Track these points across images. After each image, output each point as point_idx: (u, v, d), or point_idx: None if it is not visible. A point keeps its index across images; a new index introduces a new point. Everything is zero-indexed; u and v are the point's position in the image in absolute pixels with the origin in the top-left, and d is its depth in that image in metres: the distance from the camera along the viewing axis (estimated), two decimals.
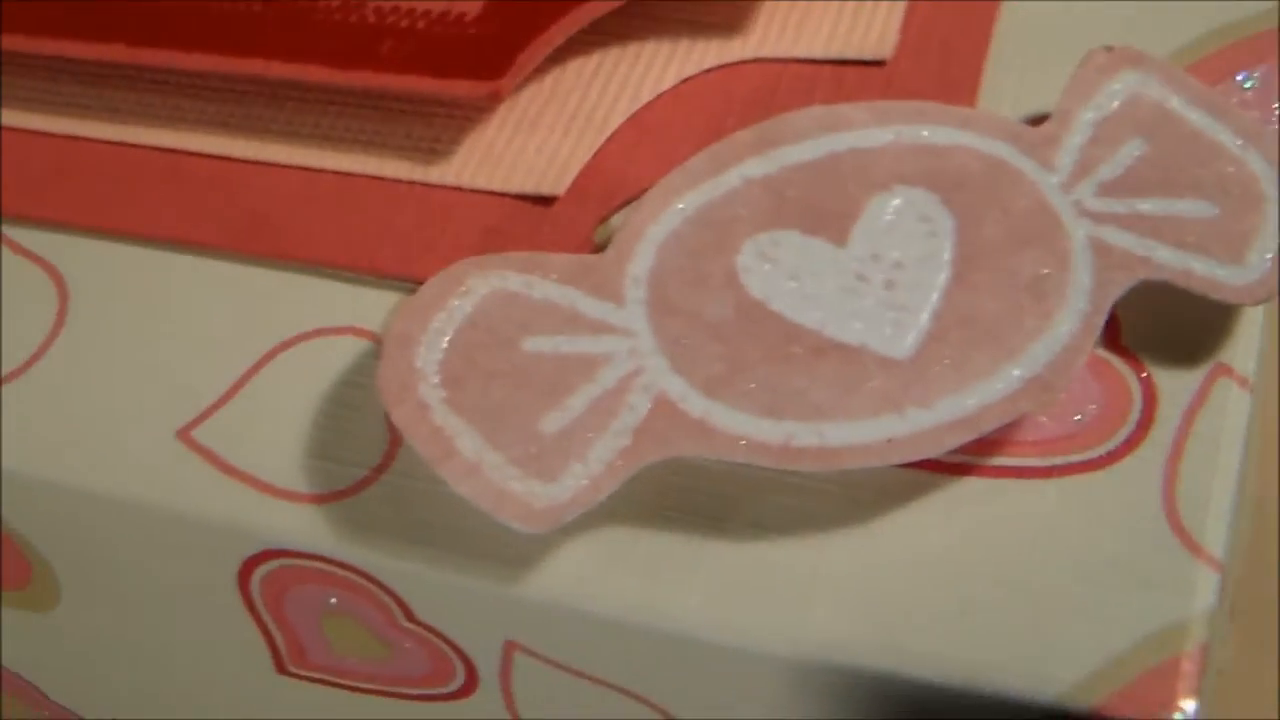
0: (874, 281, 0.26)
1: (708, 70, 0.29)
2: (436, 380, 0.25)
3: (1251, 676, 0.56)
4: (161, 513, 0.26)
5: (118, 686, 0.31)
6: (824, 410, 0.24)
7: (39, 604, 0.30)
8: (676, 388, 0.25)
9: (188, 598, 0.27)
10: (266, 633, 0.27)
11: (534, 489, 0.24)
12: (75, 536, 0.28)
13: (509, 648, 0.26)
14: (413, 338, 0.26)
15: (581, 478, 0.24)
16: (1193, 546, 0.24)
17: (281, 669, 0.28)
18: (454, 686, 0.27)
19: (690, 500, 0.25)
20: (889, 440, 0.24)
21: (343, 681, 0.28)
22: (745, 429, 0.24)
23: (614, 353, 0.25)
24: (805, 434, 0.24)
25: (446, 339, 0.25)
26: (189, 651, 0.29)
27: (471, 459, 0.24)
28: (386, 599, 0.26)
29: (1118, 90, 0.27)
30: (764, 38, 0.29)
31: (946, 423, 0.24)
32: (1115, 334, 0.26)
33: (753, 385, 0.25)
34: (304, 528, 0.25)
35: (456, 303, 0.26)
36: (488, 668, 0.26)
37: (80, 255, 0.29)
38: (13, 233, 0.29)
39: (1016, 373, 0.24)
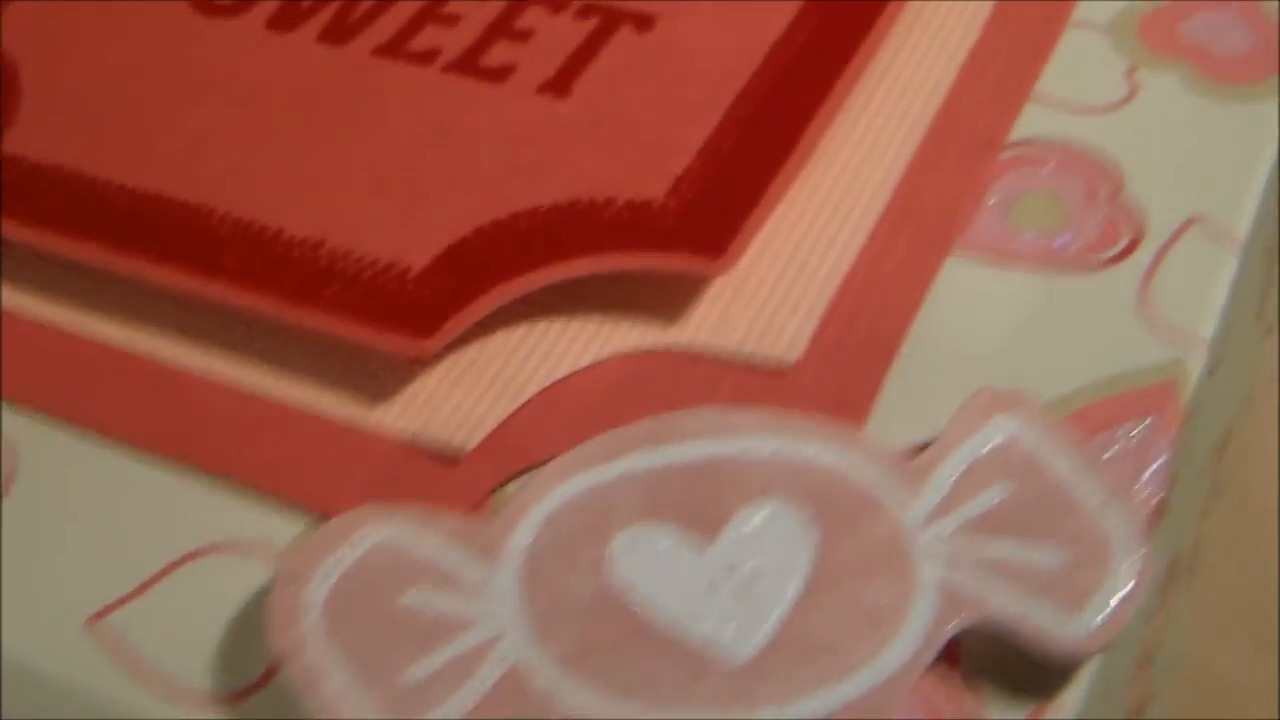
0: (728, 588, 0.29)
1: (624, 354, 0.33)
2: (317, 618, 0.29)
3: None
4: (61, 691, 0.30)
5: None
6: (660, 701, 0.28)
7: None
8: (531, 659, 0.29)
9: None
10: None
11: None
12: None
13: None
14: (302, 576, 0.30)
15: None
16: None
17: None
18: None
19: None
20: None
21: None
22: (589, 706, 0.28)
23: (480, 618, 0.29)
24: None
25: (331, 582, 0.30)
26: None
27: (336, 696, 0.28)
28: None
29: (993, 433, 0.31)
30: (682, 328, 0.33)
31: None
32: (954, 662, 0.29)
33: (602, 666, 0.29)
34: None
35: (346, 549, 0.30)
36: None
37: (32, 432, 0.34)
38: None
39: (841, 693, 0.28)
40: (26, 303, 0.36)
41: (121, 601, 0.31)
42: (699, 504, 0.30)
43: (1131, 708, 0.38)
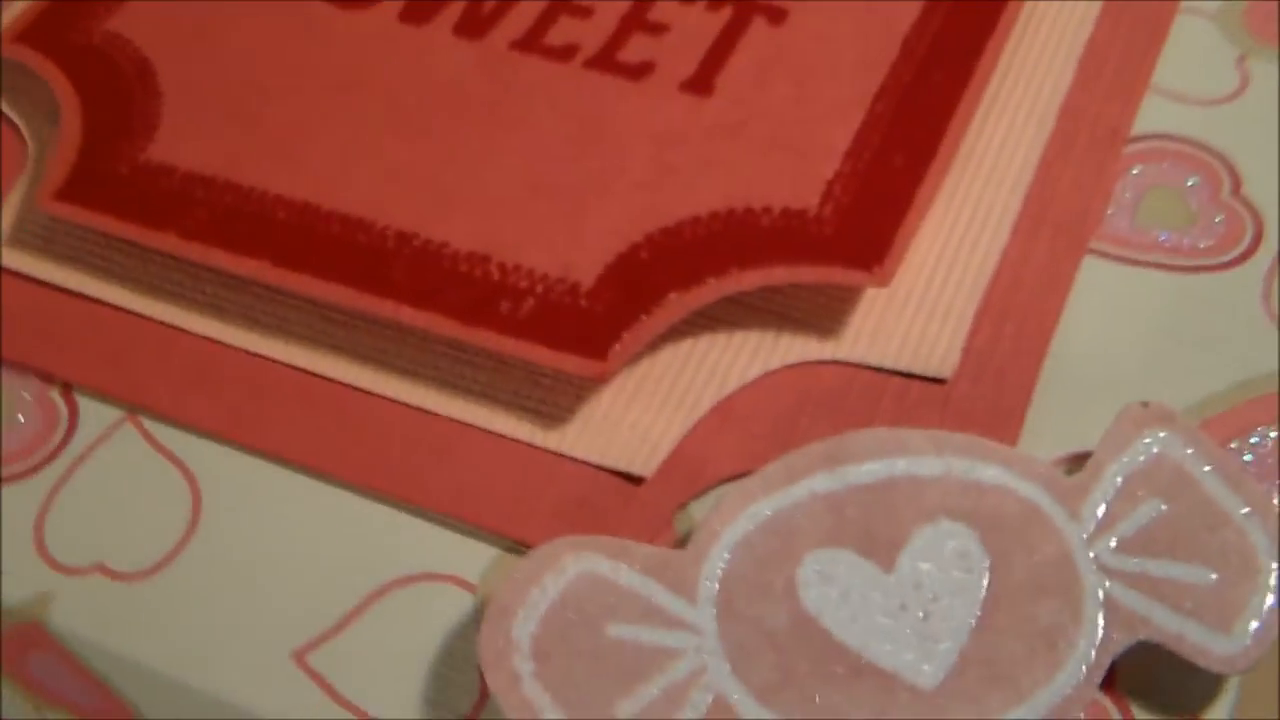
0: (912, 611, 0.32)
1: (788, 366, 0.35)
2: (528, 652, 0.32)
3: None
4: None
5: None
6: None
7: None
8: (734, 692, 0.31)
9: None
10: None
11: None
12: None
13: None
14: (511, 610, 0.32)
15: None
16: None
17: None
18: None
19: None
20: None
21: None
22: None
23: (684, 649, 0.32)
24: None
25: (539, 614, 0.32)
26: None
27: None
28: None
29: (1146, 446, 0.33)
30: (840, 341, 0.35)
31: None
32: (1112, 678, 0.32)
33: (798, 697, 0.31)
34: None
35: (551, 579, 0.32)
36: None
37: (212, 461, 0.35)
38: (151, 427, 0.36)
39: (1023, 716, 0.31)
40: (187, 319, 0.37)
41: (325, 637, 0.33)
42: (877, 525, 0.33)
43: None
